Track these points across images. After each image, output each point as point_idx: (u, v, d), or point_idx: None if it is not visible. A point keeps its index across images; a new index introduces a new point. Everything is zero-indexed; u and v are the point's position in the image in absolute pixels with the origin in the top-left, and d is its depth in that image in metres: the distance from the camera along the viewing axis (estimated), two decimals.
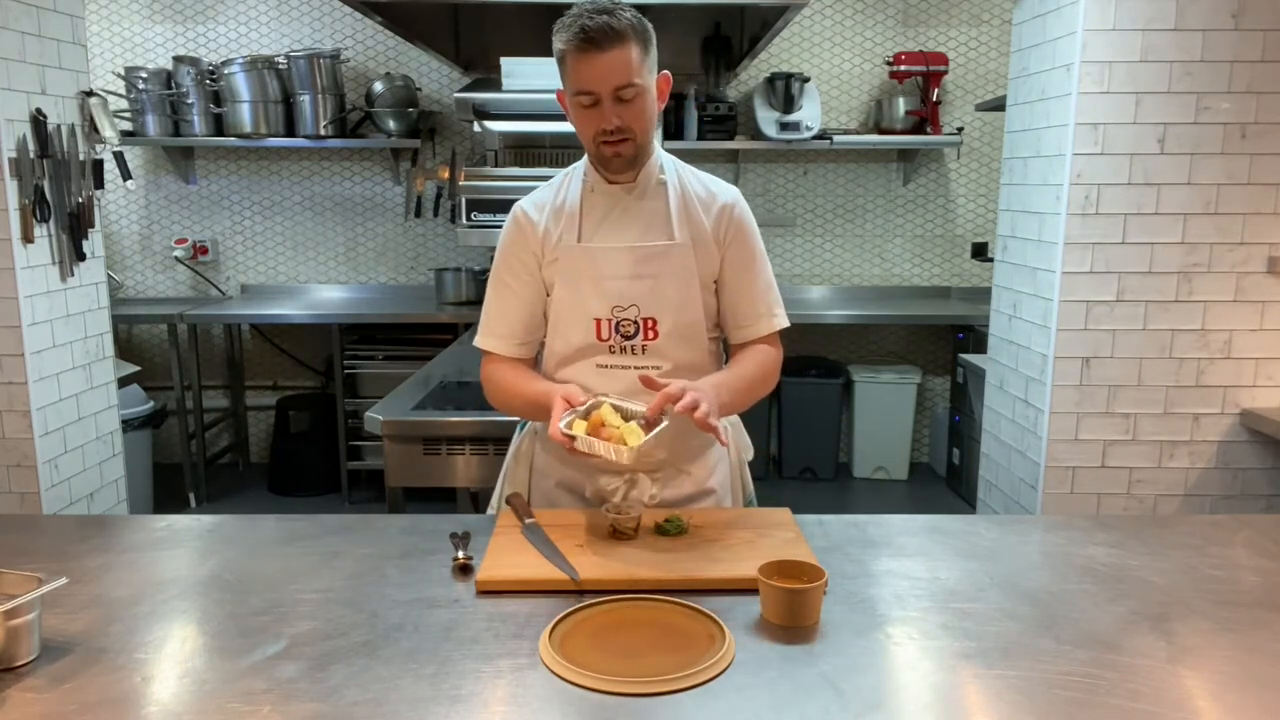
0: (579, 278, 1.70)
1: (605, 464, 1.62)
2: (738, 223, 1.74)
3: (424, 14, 3.47)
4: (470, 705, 1.11)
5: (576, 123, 1.64)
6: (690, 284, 1.71)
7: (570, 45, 1.55)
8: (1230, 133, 2.71)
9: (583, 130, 1.64)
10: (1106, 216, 2.76)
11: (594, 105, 1.58)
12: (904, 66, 4.69)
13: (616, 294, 1.69)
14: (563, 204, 1.73)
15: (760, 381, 1.74)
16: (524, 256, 1.74)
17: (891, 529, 1.71)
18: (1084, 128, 2.72)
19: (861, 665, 1.21)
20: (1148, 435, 2.89)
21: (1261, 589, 1.46)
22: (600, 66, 1.54)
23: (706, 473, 1.82)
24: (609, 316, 1.70)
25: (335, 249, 5.12)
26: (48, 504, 2.90)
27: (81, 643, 1.26)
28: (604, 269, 1.69)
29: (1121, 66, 2.69)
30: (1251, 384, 2.86)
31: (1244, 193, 2.75)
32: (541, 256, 1.72)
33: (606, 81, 1.55)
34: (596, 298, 1.70)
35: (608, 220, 1.71)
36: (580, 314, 1.71)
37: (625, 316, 1.69)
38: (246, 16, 4.89)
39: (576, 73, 1.57)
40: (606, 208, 1.72)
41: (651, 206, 1.72)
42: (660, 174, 1.73)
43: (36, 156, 2.80)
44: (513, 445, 1.92)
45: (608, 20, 1.53)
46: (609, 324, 1.70)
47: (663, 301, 1.69)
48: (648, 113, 1.62)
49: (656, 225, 1.71)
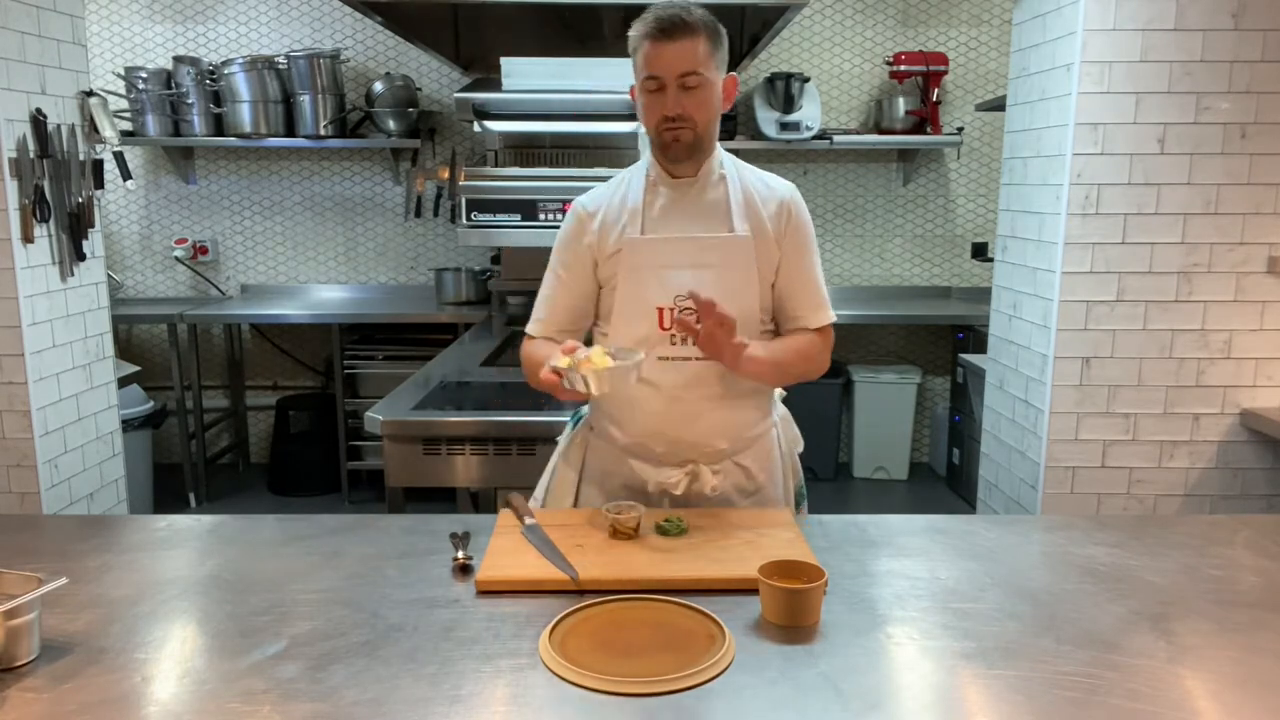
0: (641, 268, 1.74)
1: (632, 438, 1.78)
2: (796, 218, 1.79)
3: (424, 14, 3.47)
4: (470, 705, 1.11)
5: (644, 110, 1.72)
6: (750, 276, 1.76)
7: (643, 33, 1.65)
8: (1230, 133, 2.71)
9: (648, 117, 1.71)
10: (1106, 216, 2.76)
11: (659, 91, 1.65)
12: (904, 66, 4.69)
13: (679, 283, 1.73)
14: (624, 199, 1.79)
15: (802, 357, 1.79)
16: (577, 249, 1.80)
17: (891, 529, 1.71)
18: (1084, 128, 2.72)
19: (861, 665, 1.21)
20: (1148, 435, 2.89)
21: (1261, 589, 1.46)
22: (669, 53, 1.63)
23: (760, 464, 1.86)
24: (671, 305, 1.74)
25: (335, 249, 5.12)
26: (48, 504, 2.90)
27: (81, 643, 1.26)
28: (667, 259, 1.74)
29: (1121, 66, 2.69)
30: (1251, 384, 2.86)
31: (1244, 193, 2.75)
32: (597, 250, 1.78)
33: (673, 68, 1.63)
34: (659, 287, 1.74)
35: (670, 213, 1.77)
36: (642, 304, 1.75)
37: (687, 305, 1.72)
38: (246, 16, 4.89)
39: (647, 59, 1.65)
40: (669, 201, 1.77)
41: (712, 200, 1.77)
42: (720, 169, 1.79)
43: (36, 156, 2.80)
44: (560, 445, 1.95)
45: (680, 13, 1.64)
46: (671, 313, 1.74)
47: (724, 292, 1.72)
48: (710, 105, 1.69)
49: (717, 218, 1.76)
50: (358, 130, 4.81)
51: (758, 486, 1.85)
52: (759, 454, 1.86)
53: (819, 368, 1.82)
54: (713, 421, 1.78)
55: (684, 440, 1.78)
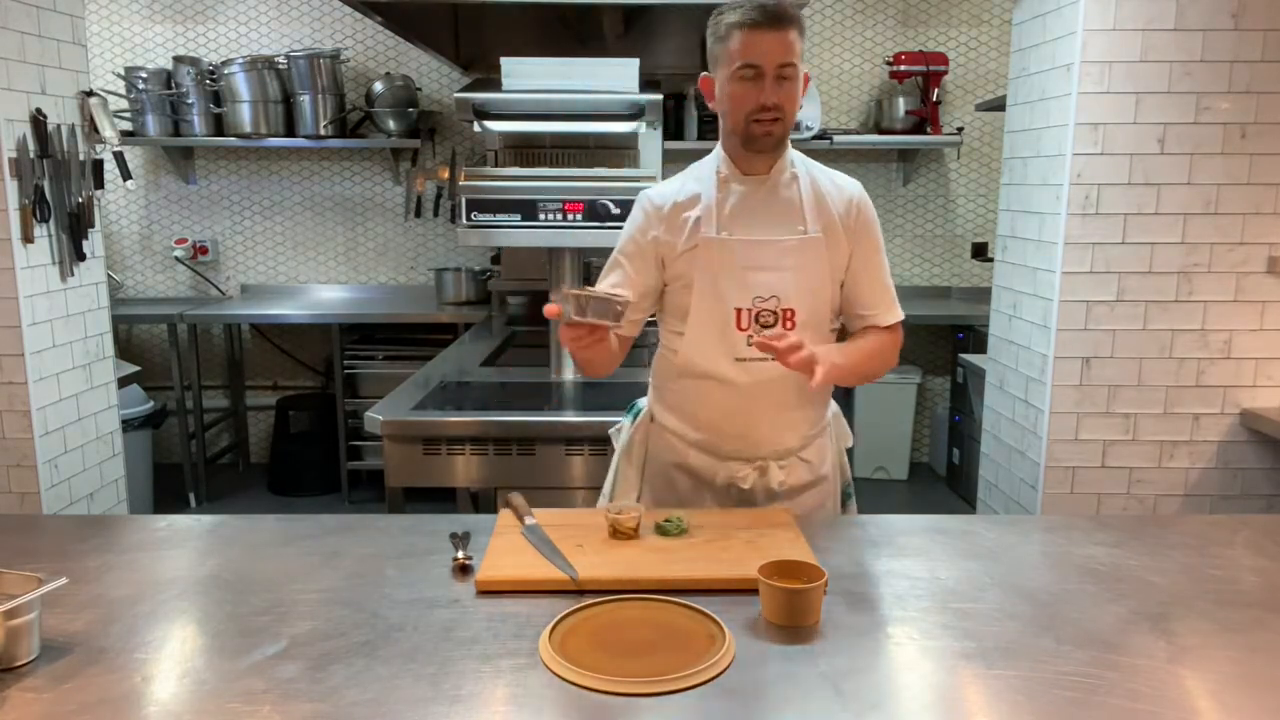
0: (719, 268, 1.72)
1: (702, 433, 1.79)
2: (865, 216, 1.80)
3: (424, 14, 3.47)
4: (470, 705, 1.11)
5: (732, 99, 1.66)
6: (823, 275, 1.76)
7: (742, 20, 1.61)
8: (1230, 133, 2.71)
9: (738, 107, 1.66)
10: (1106, 216, 2.76)
11: (755, 80, 1.62)
12: (904, 66, 4.69)
13: (759, 285, 1.72)
14: (694, 196, 1.76)
15: (877, 356, 1.80)
16: (641, 242, 1.78)
17: (891, 529, 1.71)
18: (1084, 128, 2.72)
19: (861, 665, 1.21)
20: (1148, 435, 2.89)
21: (1261, 589, 1.46)
22: (770, 41, 1.60)
23: (820, 459, 1.88)
24: (750, 307, 1.73)
25: (335, 249, 5.12)
26: (48, 504, 2.90)
27: (81, 643, 1.26)
28: (746, 260, 1.73)
29: (1121, 66, 2.69)
30: (1251, 384, 2.86)
31: (1244, 193, 2.75)
32: (665, 246, 1.76)
33: (772, 57, 1.61)
34: (738, 288, 1.73)
35: (744, 212, 1.75)
36: (720, 304, 1.73)
37: (766, 307, 1.72)
38: (246, 16, 4.89)
39: (745, 46, 1.61)
40: (742, 199, 1.75)
41: (785, 198, 1.76)
42: (791, 167, 1.77)
43: (36, 156, 2.80)
44: (620, 443, 1.95)
45: (780, 2, 1.62)
46: (749, 314, 1.73)
47: (801, 292, 1.73)
48: (797, 98, 1.68)
49: (791, 217, 1.75)
50: (358, 130, 4.81)
51: (820, 478, 1.88)
52: (820, 448, 1.89)
53: (890, 365, 1.85)
54: (784, 419, 1.80)
55: (755, 437, 1.79)
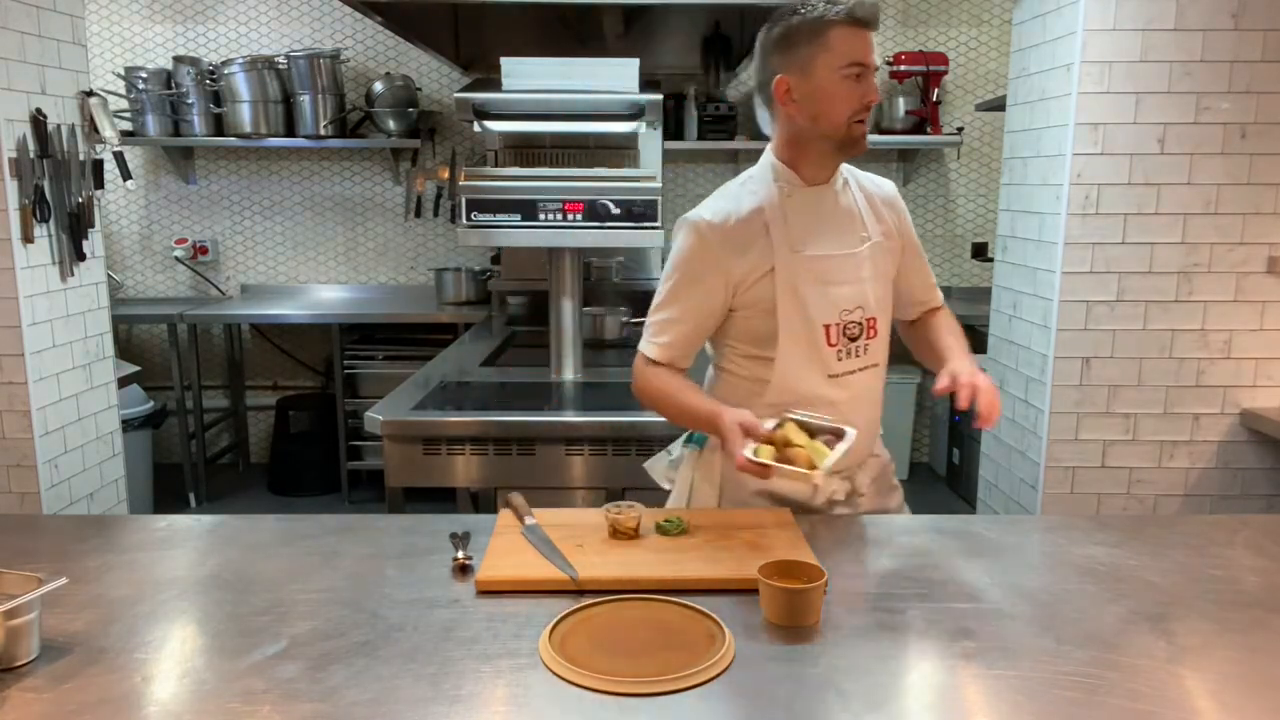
0: (803, 285, 1.68)
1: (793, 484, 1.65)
2: (903, 211, 1.83)
3: (424, 14, 3.47)
4: (470, 705, 1.11)
5: (835, 99, 1.60)
6: (890, 279, 1.79)
7: (843, 18, 1.57)
8: (1230, 133, 2.71)
9: (841, 107, 1.61)
10: (1106, 216, 2.77)
11: (861, 78, 1.59)
12: (904, 66, 4.69)
13: (842, 298, 1.71)
14: (755, 211, 1.69)
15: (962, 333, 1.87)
16: (703, 269, 1.68)
17: (892, 529, 1.71)
18: (1084, 128, 2.72)
19: (861, 665, 1.21)
20: (1148, 435, 2.89)
21: (1261, 589, 1.46)
22: (869, 42, 1.61)
23: (884, 450, 1.94)
24: (837, 321, 1.71)
25: (335, 249, 5.12)
26: (48, 504, 2.90)
27: (81, 643, 1.26)
28: (827, 275, 1.70)
29: (1121, 66, 2.69)
30: (1251, 384, 2.86)
31: (1244, 193, 2.75)
32: (734, 268, 1.67)
33: (871, 56, 1.61)
34: (824, 305, 1.69)
35: (813, 224, 1.70)
36: (808, 323, 1.69)
37: (852, 319, 1.71)
38: (246, 16, 4.89)
39: (850, 45, 1.58)
40: (809, 211, 1.71)
41: (846, 206, 1.75)
42: (841, 174, 1.76)
43: (36, 156, 2.80)
44: (688, 460, 1.87)
45: (875, 3, 1.61)
46: (838, 329, 1.71)
47: (880, 299, 1.75)
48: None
49: (855, 225, 1.75)
50: (358, 130, 4.81)
51: (888, 469, 1.94)
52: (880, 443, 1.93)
53: None
54: (874, 425, 1.84)
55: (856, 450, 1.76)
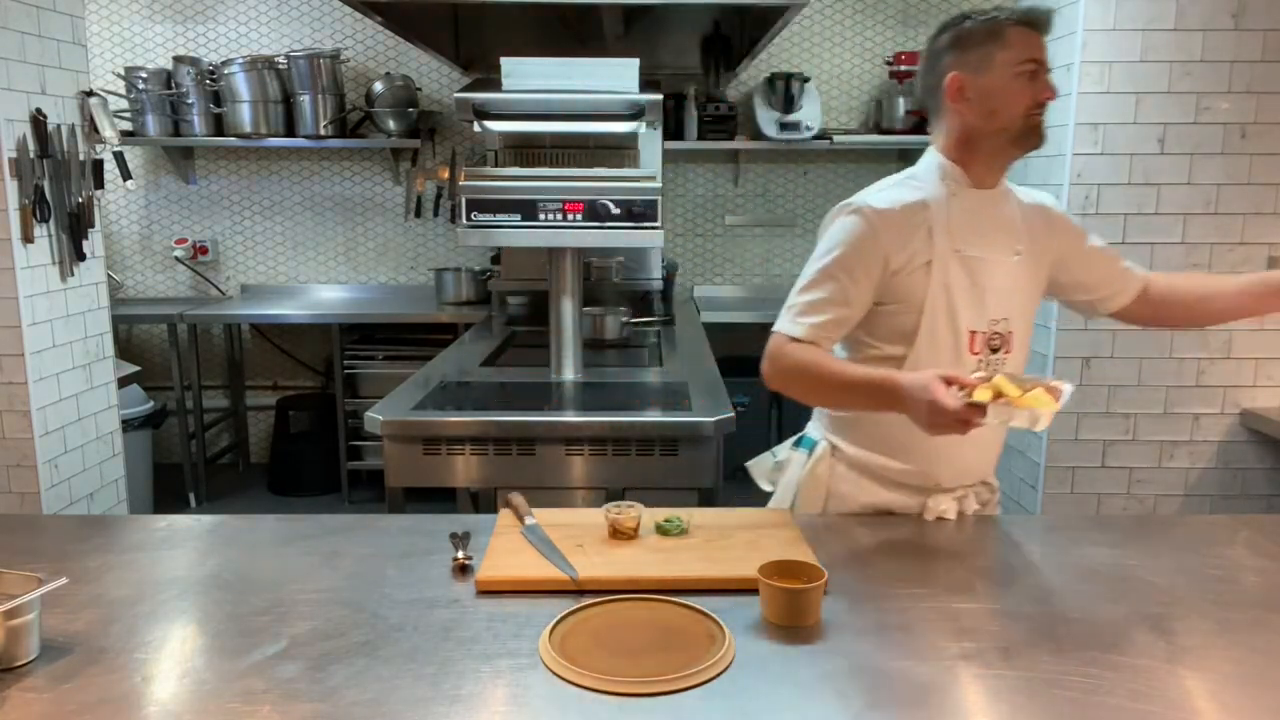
0: (956, 288, 1.65)
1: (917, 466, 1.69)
2: (1060, 216, 1.80)
3: (424, 14, 3.47)
4: (470, 705, 1.11)
5: (1009, 94, 1.61)
6: (1035, 293, 1.75)
7: (1022, 19, 1.62)
8: (1230, 133, 2.72)
9: (1017, 102, 1.61)
10: (1106, 216, 2.76)
11: (1034, 76, 1.61)
12: (904, 66, 4.68)
13: (993, 306, 1.66)
14: (919, 204, 1.67)
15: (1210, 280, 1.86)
16: (865, 255, 1.65)
17: (892, 529, 1.71)
18: (1084, 128, 2.72)
19: (861, 665, 1.21)
20: (1148, 435, 2.89)
21: (1261, 589, 1.46)
22: (1043, 43, 1.63)
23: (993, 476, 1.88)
24: (984, 330, 1.67)
25: (335, 249, 5.12)
26: (48, 504, 2.90)
27: (81, 643, 1.26)
28: (984, 280, 1.66)
29: (1121, 66, 2.69)
30: (1251, 384, 2.86)
31: (1244, 193, 2.75)
32: (892, 258, 1.64)
33: (1045, 55, 1.63)
34: (974, 309, 1.65)
35: (974, 227, 1.67)
36: (953, 326, 1.65)
37: (996, 330, 1.68)
38: (246, 16, 4.89)
39: (1026, 42, 1.61)
40: (973, 212, 1.68)
41: (1007, 214, 1.72)
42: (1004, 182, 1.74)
43: (36, 156, 2.80)
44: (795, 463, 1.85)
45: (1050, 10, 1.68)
46: (982, 337, 1.67)
47: (1024, 314, 1.71)
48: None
49: (1013, 234, 1.71)
50: (358, 130, 4.81)
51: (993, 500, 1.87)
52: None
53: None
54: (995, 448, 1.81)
55: (972, 465, 1.76)
